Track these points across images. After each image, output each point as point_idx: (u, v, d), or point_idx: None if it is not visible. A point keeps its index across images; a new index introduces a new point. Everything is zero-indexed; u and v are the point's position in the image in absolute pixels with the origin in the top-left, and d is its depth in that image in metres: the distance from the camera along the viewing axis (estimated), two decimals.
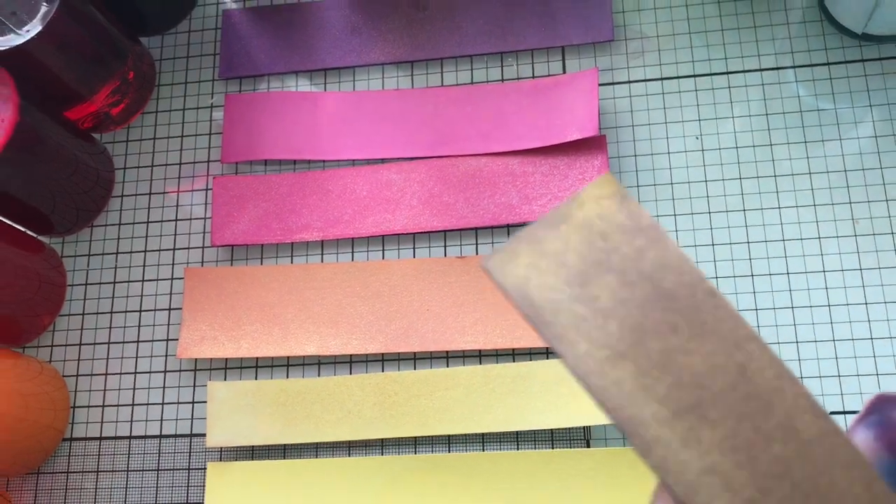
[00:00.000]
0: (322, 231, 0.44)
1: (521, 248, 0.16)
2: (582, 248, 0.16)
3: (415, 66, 0.47)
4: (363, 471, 0.40)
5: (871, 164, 0.41)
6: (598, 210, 0.16)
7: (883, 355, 0.39)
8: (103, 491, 0.43)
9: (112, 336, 0.45)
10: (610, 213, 0.16)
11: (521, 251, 0.16)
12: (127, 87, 0.47)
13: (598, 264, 0.16)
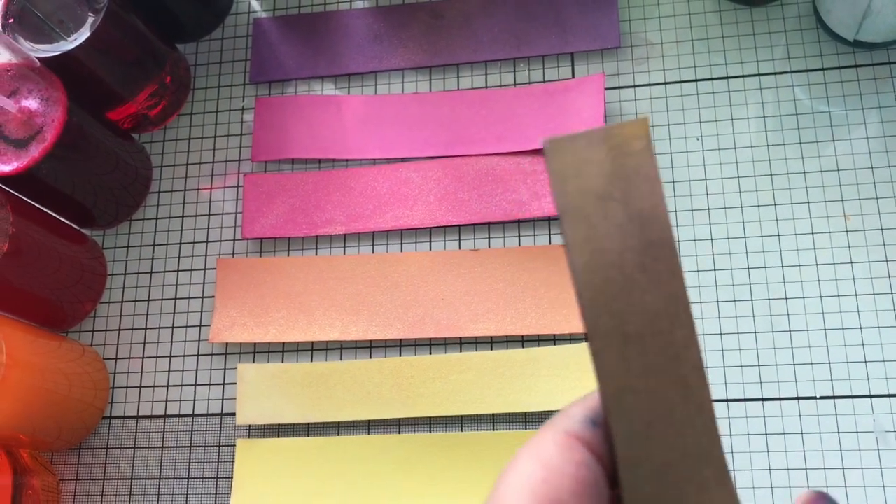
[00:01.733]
0: (345, 225, 0.47)
1: (576, 143, 0.19)
2: (609, 169, 0.19)
3: (433, 71, 0.50)
4: (381, 448, 0.43)
5: (863, 164, 0.43)
6: (630, 146, 0.19)
7: (871, 343, 0.41)
8: (140, 465, 0.46)
9: (149, 322, 0.48)
10: (635, 153, 0.19)
11: (577, 146, 0.19)
12: (164, 91, 0.50)
13: (616, 189, 0.19)
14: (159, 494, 0.45)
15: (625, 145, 0.19)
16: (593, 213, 0.19)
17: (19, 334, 0.42)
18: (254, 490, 0.43)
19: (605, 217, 0.19)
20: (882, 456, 0.39)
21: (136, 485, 0.45)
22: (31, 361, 0.42)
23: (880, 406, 0.40)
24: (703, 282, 0.43)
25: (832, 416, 0.40)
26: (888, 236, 0.42)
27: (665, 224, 0.19)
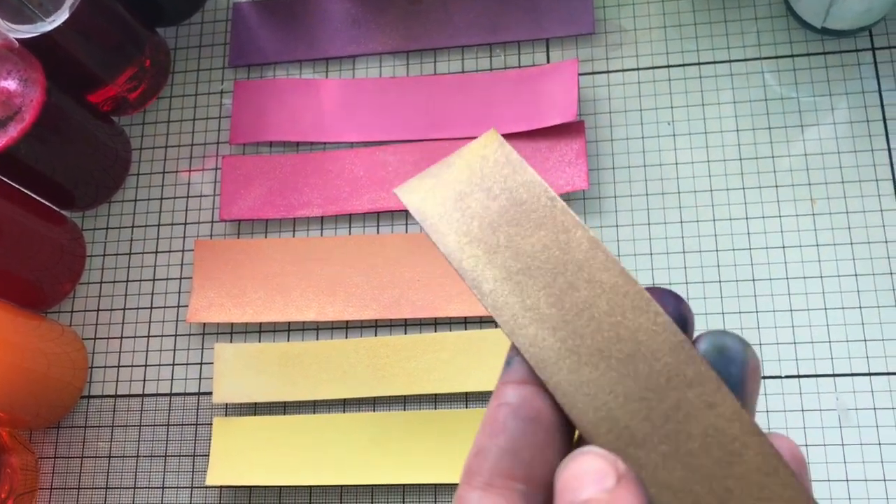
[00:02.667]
0: (322, 207, 0.48)
1: (420, 179, 0.22)
2: (464, 176, 0.22)
3: (410, 55, 0.50)
4: (356, 425, 0.44)
5: (830, 149, 0.44)
6: (481, 153, 0.22)
7: (835, 324, 0.42)
8: (118, 444, 0.46)
9: (127, 302, 0.48)
10: (489, 154, 0.22)
11: (423, 181, 0.22)
12: (144, 74, 0.50)
13: (474, 186, 0.21)
14: (137, 472, 0.45)
15: (469, 156, 0.22)
16: (456, 212, 0.21)
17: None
18: (230, 467, 0.44)
19: (467, 209, 0.21)
20: (844, 433, 0.40)
21: (114, 463, 0.46)
22: (10, 340, 0.43)
23: (843, 385, 0.41)
24: (672, 264, 0.44)
25: (797, 394, 0.41)
26: (853, 219, 0.43)
27: (532, 181, 0.21)
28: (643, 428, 0.18)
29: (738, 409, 0.18)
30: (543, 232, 0.20)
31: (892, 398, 0.40)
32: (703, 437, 0.18)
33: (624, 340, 0.19)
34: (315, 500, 0.43)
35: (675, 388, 0.18)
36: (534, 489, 0.18)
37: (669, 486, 0.18)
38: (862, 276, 0.42)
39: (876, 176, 0.43)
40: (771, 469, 0.18)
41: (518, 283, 0.20)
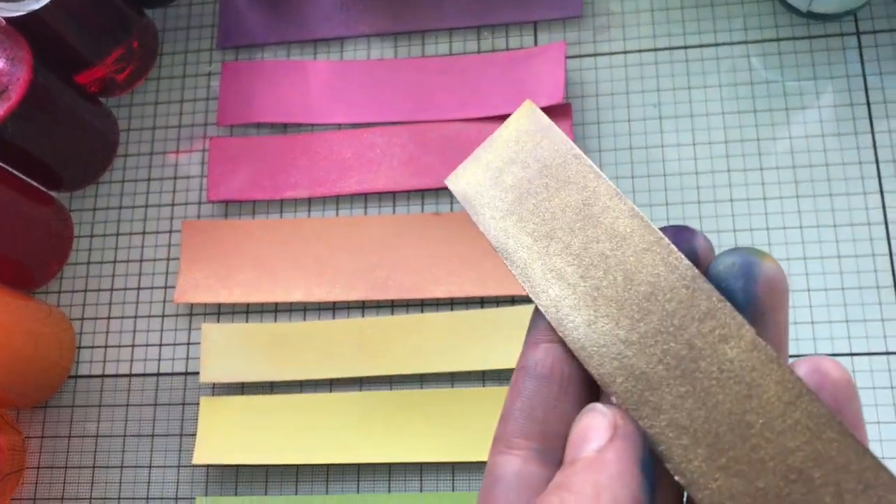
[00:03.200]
0: (309, 189, 0.48)
1: (465, 165, 0.23)
2: (502, 153, 0.22)
3: (398, 38, 0.50)
4: (343, 405, 0.44)
5: (814, 132, 0.45)
6: (517, 126, 0.22)
7: (818, 305, 0.42)
8: (105, 423, 0.46)
9: (115, 283, 0.48)
10: (523, 126, 0.22)
11: (468, 166, 0.23)
12: (131, 55, 0.50)
13: (510, 161, 0.22)
14: (124, 451, 0.46)
15: (509, 132, 0.23)
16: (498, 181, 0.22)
17: None
18: (217, 446, 0.44)
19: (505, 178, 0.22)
20: None
21: (101, 442, 0.46)
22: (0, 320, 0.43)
23: None
24: None
25: None
26: (837, 202, 0.43)
27: (560, 141, 0.22)
28: (658, 372, 0.19)
29: (753, 339, 0.18)
30: (567, 190, 0.21)
31: (874, 378, 0.41)
32: (720, 372, 0.18)
33: (638, 285, 0.19)
34: (302, 478, 0.44)
35: (689, 325, 0.19)
36: (551, 445, 0.19)
37: (687, 427, 0.18)
38: (845, 258, 0.43)
39: (859, 159, 0.44)
40: (793, 397, 0.17)
41: (543, 248, 0.21)
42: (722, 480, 0.17)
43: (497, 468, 0.19)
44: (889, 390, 0.41)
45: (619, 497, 0.16)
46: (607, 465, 0.17)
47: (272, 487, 0.44)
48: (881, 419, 0.40)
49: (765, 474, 0.17)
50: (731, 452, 0.17)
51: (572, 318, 0.20)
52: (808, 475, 0.17)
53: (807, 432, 0.17)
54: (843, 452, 0.17)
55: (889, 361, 0.41)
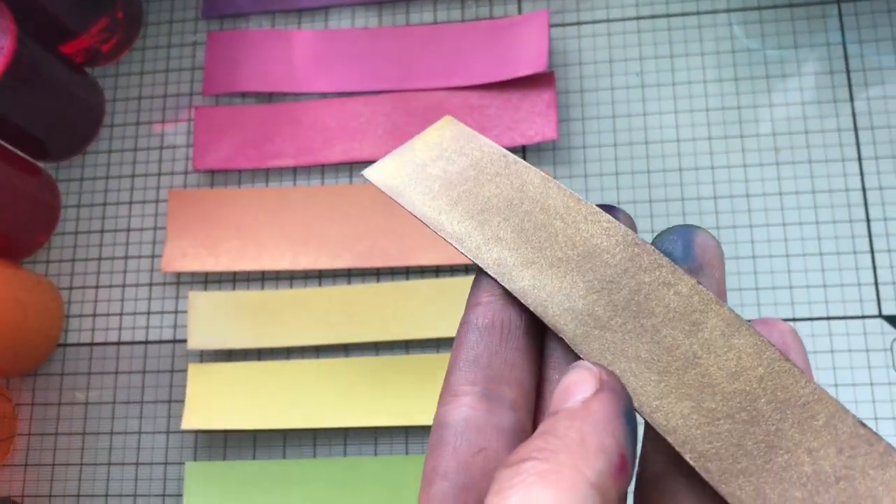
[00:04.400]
0: (294, 158, 0.48)
1: (387, 160, 0.24)
2: (424, 153, 0.24)
3: (383, 7, 0.50)
4: (329, 371, 0.45)
5: (794, 99, 0.45)
6: (439, 133, 0.24)
7: (796, 270, 0.43)
8: (94, 391, 0.47)
9: (102, 252, 0.49)
10: (446, 132, 0.24)
11: (386, 162, 0.24)
12: (116, 25, 0.50)
13: (434, 157, 0.23)
14: (114, 418, 0.46)
15: (429, 138, 0.24)
16: (423, 180, 0.23)
17: None
18: (205, 412, 0.44)
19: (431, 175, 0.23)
20: None
21: (90, 409, 0.47)
22: None
23: (802, 328, 0.42)
24: (640, 212, 0.45)
25: None
26: (815, 169, 0.44)
27: (486, 145, 0.23)
28: (606, 312, 0.20)
29: (693, 284, 0.19)
30: (499, 180, 0.22)
31: (850, 341, 0.42)
32: (665, 312, 0.19)
33: (580, 245, 0.21)
34: (289, 443, 0.44)
35: (633, 275, 0.20)
36: (496, 388, 0.19)
37: (638, 357, 0.19)
38: (823, 223, 0.43)
39: (838, 126, 0.44)
40: (733, 329, 0.19)
41: (480, 221, 0.22)
42: (673, 403, 0.19)
43: (444, 417, 0.19)
44: (864, 353, 0.41)
45: (605, 444, 0.17)
46: (593, 414, 0.17)
47: (260, 452, 0.45)
48: (856, 381, 0.41)
49: (713, 396, 0.18)
50: (680, 379, 0.19)
51: (518, 273, 0.21)
52: (754, 394, 0.18)
53: (749, 359, 0.18)
54: (783, 376, 0.18)
55: (865, 325, 0.42)
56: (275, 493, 0.43)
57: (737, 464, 0.18)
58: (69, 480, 0.46)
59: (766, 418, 0.18)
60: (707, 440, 0.18)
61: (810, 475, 0.18)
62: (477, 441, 0.18)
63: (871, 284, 0.42)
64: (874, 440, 0.17)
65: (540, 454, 0.16)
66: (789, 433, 0.18)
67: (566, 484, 0.16)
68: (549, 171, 0.46)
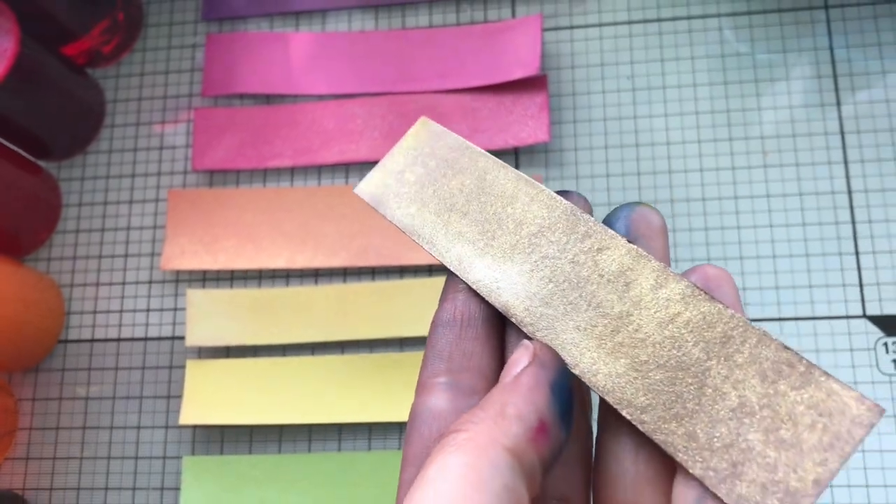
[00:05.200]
0: (292, 159, 0.49)
1: (373, 173, 0.26)
2: (403, 160, 0.25)
3: (379, 10, 0.51)
4: (324, 368, 0.46)
5: (782, 103, 0.46)
6: (415, 138, 0.25)
7: (782, 271, 0.44)
8: (94, 386, 0.48)
9: (103, 250, 0.50)
10: (421, 135, 0.25)
11: (374, 174, 0.26)
12: (117, 27, 0.51)
13: (411, 163, 0.25)
14: (113, 413, 0.47)
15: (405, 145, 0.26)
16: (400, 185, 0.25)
17: None
18: (202, 407, 0.45)
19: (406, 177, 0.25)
20: None
21: (91, 404, 0.47)
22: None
23: (788, 328, 0.43)
24: None
25: None
26: (802, 171, 0.45)
27: (456, 142, 0.24)
28: (549, 290, 0.21)
29: (625, 245, 0.21)
30: (462, 175, 0.24)
31: (835, 341, 0.43)
32: (600, 277, 0.21)
33: (527, 227, 0.22)
34: (285, 438, 0.45)
35: (572, 247, 0.21)
36: (457, 378, 0.21)
37: (578, 328, 0.21)
38: (809, 225, 0.44)
39: (825, 130, 0.45)
40: (663, 280, 0.20)
41: (445, 220, 0.23)
42: (611, 365, 0.20)
43: (414, 409, 0.21)
44: (849, 352, 0.42)
45: (523, 411, 0.18)
46: (519, 387, 0.19)
47: (256, 447, 0.45)
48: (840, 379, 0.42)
49: (646, 348, 0.20)
50: (616, 338, 0.20)
51: (473, 265, 0.22)
52: (682, 340, 0.19)
53: (677, 305, 0.20)
54: (709, 315, 0.19)
55: (849, 325, 0.43)
56: (270, 486, 0.44)
57: (669, 411, 0.19)
58: (69, 474, 0.47)
59: (695, 360, 0.19)
60: (642, 393, 0.20)
61: (735, 408, 0.19)
62: (439, 427, 0.20)
63: (856, 285, 0.43)
64: (796, 361, 0.19)
65: (463, 426, 0.18)
66: (716, 370, 0.19)
67: (478, 450, 0.17)
68: (540, 173, 0.47)
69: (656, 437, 0.19)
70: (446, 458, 0.17)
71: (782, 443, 0.18)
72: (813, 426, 0.18)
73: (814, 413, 0.18)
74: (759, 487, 0.18)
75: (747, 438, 0.18)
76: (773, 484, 0.18)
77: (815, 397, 0.18)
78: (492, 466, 0.17)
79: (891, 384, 0.42)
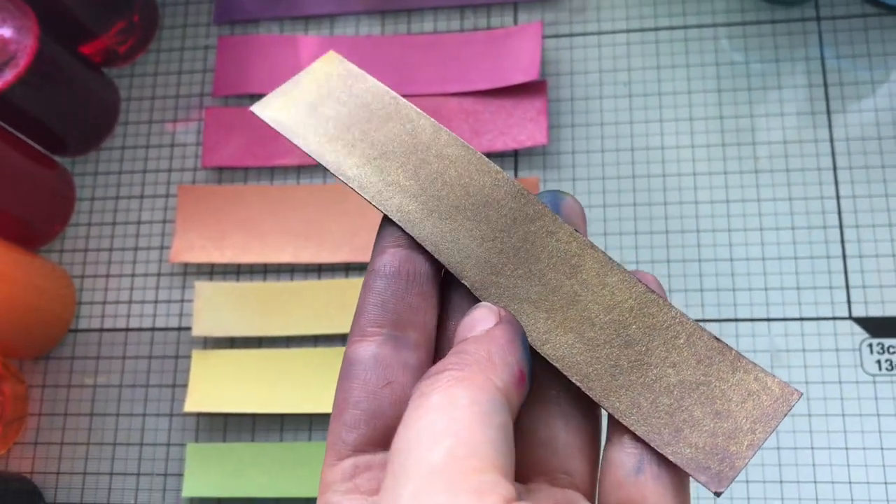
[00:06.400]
0: (299, 157, 0.51)
1: (272, 97, 0.25)
2: (313, 90, 0.25)
3: (386, 16, 0.53)
4: (327, 360, 0.47)
5: (774, 111, 0.47)
6: (325, 70, 0.25)
7: (771, 273, 0.45)
8: (103, 374, 0.49)
9: (114, 243, 0.51)
10: (332, 71, 0.25)
11: (275, 99, 0.25)
12: (133, 28, 0.53)
13: (323, 97, 0.24)
14: (120, 401, 0.49)
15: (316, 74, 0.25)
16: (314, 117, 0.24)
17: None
18: (207, 396, 0.47)
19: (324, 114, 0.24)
20: (775, 373, 0.44)
21: (98, 392, 0.49)
22: (7, 274, 0.46)
23: (776, 328, 0.44)
24: (624, 215, 0.47)
25: (734, 336, 0.44)
26: (793, 177, 0.46)
27: (375, 87, 0.24)
28: (500, 260, 0.22)
29: (572, 232, 0.22)
30: (392, 124, 0.24)
31: (821, 341, 0.44)
32: (549, 258, 0.22)
33: (473, 195, 0.23)
34: (286, 427, 0.47)
35: (521, 225, 0.23)
36: (403, 332, 0.22)
37: (528, 299, 0.22)
38: (798, 229, 0.45)
39: (815, 137, 0.47)
40: (607, 269, 0.22)
41: (378, 166, 0.23)
42: (560, 336, 0.22)
43: (353, 354, 0.21)
44: (834, 353, 0.44)
45: (508, 360, 0.20)
46: (496, 339, 0.20)
47: (259, 435, 0.47)
48: (826, 379, 0.43)
49: (592, 327, 0.22)
50: (565, 314, 0.22)
51: (420, 221, 0.23)
52: (625, 323, 0.21)
53: (619, 293, 0.22)
54: (645, 302, 0.22)
55: (835, 326, 0.44)
56: (271, 473, 0.46)
57: (614, 381, 0.21)
58: (76, 459, 0.48)
59: (638, 341, 0.21)
60: (589, 364, 0.21)
61: (675, 384, 0.21)
62: (385, 375, 0.21)
63: (843, 288, 0.44)
64: (726, 351, 0.21)
65: (455, 366, 0.19)
66: (657, 352, 0.21)
67: (479, 386, 0.19)
68: (538, 175, 0.48)
69: (604, 402, 0.21)
70: (449, 390, 0.18)
71: (718, 414, 0.20)
72: (743, 403, 0.20)
73: (743, 392, 0.21)
74: (702, 451, 0.20)
75: (688, 408, 0.21)
76: (714, 447, 0.20)
77: (743, 380, 0.21)
78: (491, 401, 0.18)
79: (874, 384, 0.43)
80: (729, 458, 0.20)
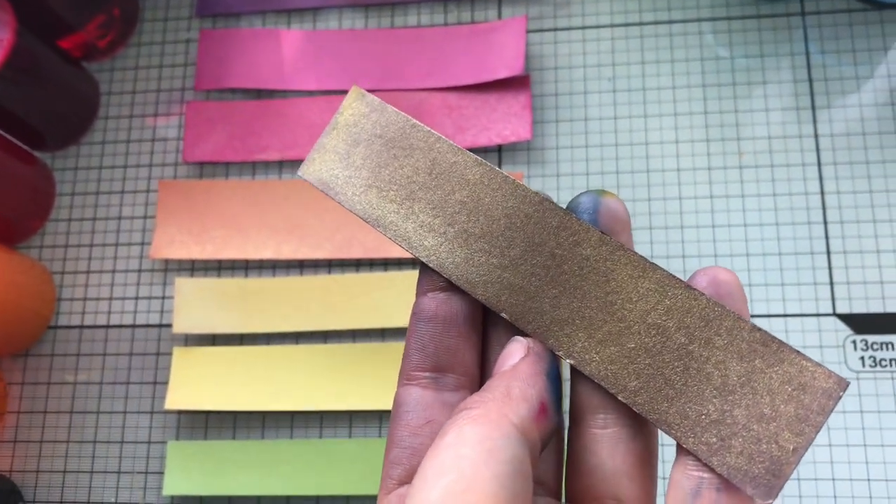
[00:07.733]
0: (280, 152, 0.50)
1: (313, 155, 0.25)
2: (343, 138, 0.25)
3: (369, 9, 0.52)
4: (308, 357, 0.47)
5: (758, 106, 0.47)
6: (350, 112, 0.25)
7: (756, 269, 0.45)
8: (83, 371, 0.49)
9: (94, 239, 0.51)
10: (356, 109, 0.25)
11: (314, 156, 0.25)
12: (112, 22, 0.52)
13: (353, 143, 0.24)
14: (100, 398, 0.48)
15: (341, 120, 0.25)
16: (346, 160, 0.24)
17: None
18: (188, 393, 0.46)
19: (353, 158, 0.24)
20: None
21: (79, 389, 0.48)
22: None
23: (760, 325, 0.44)
24: None
25: None
26: (777, 172, 0.46)
27: (395, 117, 0.24)
28: (532, 283, 0.22)
29: (600, 236, 0.22)
30: (414, 157, 0.24)
31: (805, 338, 0.44)
32: (580, 269, 0.22)
33: (498, 219, 0.23)
34: (268, 424, 0.46)
35: (548, 240, 0.22)
36: (443, 374, 0.22)
37: (566, 320, 0.22)
38: (782, 225, 0.45)
39: (800, 133, 0.46)
40: (640, 271, 0.21)
41: (408, 207, 0.23)
42: (601, 351, 0.21)
43: (400, 397, 0.23)
44: (818, 349, 0.43)
45: (528, 394, 0.20)
46: (519, 373, 0.21)
47: (240, 432, 0.46)
48: None
49: (632, 336, 0.21)
50: (604, 328, 0.21)
51: (451, 260, 0.23)
52: (664, 326, 0.21)
53: (656, 294, 0.21)
54: (686, 302, 0.21)
55: (819, 322, 0.44)
56: (253, 471, 0.45)
57: (660, 392, 0.21)
58: (56, 457, 0.48)
59: (678, 345, 0.21)
60: (633, 377, 0.21)
61: (719, 387, 0.20)
62: (425, 415, 0.22)
63: (827, 284, 0.44)
64: (768, 340, 0.20)
65: (473, 404, 0.20)
66: (697, 353, 0.20)
67: (492, 423, 0.19)
68: (522, 170, 0.48)
69: (651, 416, 0.21)
70: (462, 428, 0.19)
71: (763, 417, 0.20)
72: (788, 400, 0.20)
73: (788, 388, 0.20)
74: (747, 458, 0.20)
75: (732, 414, 0.20)
76: (759, 454, 0.20)
77: (788, 373, 0.20)
78: (504, 437, 0.19)
79: (858, 380, 0.43)
80: (775, 463, 0.19)
